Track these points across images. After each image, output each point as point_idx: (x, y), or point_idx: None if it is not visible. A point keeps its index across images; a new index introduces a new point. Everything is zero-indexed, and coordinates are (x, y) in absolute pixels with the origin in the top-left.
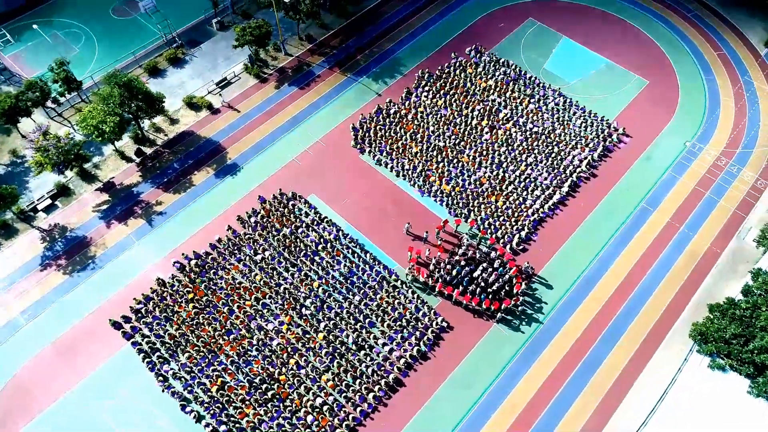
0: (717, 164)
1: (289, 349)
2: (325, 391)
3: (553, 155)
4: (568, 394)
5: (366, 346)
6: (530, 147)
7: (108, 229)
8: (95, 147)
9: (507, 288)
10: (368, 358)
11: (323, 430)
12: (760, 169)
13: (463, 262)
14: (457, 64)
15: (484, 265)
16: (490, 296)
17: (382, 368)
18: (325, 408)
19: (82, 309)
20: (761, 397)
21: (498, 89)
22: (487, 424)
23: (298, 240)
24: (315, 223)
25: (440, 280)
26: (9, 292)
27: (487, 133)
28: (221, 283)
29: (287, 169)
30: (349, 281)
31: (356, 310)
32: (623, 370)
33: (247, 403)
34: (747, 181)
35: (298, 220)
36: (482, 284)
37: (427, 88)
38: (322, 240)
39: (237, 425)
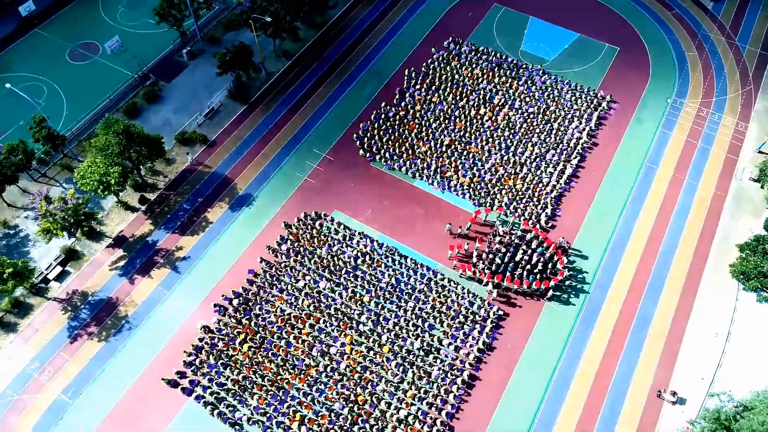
0: (700, 115)
1: (359, 368)
2: (405, 402)
3: (554, 131)
4: (631, 353)
5: (432, 349)
6: (531, 127)
7: (133, 286)
8: (93, 202)
9: (550, 266)
10: (438, 361)
11: None
12: (737, 113)
13: (503, 249)
14: (441, 58)
15: (523, 248)
16: (538, 276)
17: (454, 367)
18: (410, 418)
19: (130, 374)
20: None
21: (485, 77)
22: (567, 397)
23: (335, 258)
24: (347, 238)
25: (486, 270)
26: (42, 373)
27: (487, 120)
28: (270, 317)
29: (302, 190)
30: (397, 289)
31: (413, 316)
32: (674, 319)
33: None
34: (729, 126)
35: (329, 238)
36: (528, 267)
37: (418, 87)
38: (359, 254)
39: None
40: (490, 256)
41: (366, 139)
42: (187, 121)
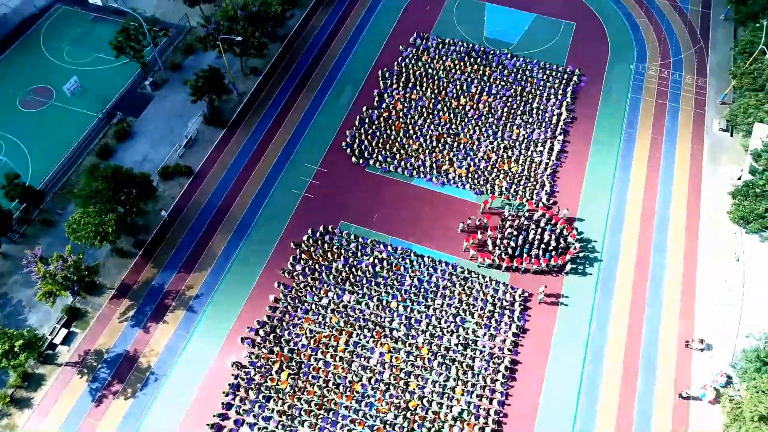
0: (662, 77)
1: (402, 374)
2: (456, 398)
3: (535, 111)
4: (653, 310)
5: (469, 342)
6: (512, 110)
7: (149, 334)
8: (85, 255)
9: (562, 240)
10: (477, 352)
11: None
12: (694, 70)
13: (515, 233)
14: (410, 55)
15: (533, 227)
16: (553, 252)
17: (494, 356)
18: (465, 414)
19: (168, 427)
20: None
21: (458, 68)
22: (605, 362)
23: (353, 269)
24: (360, 247)
25: (504, 256)
26: None
27: (470, 110)
28: (301, 340)
29: (303, 207)
30: (422, 290)
31: (443, 313)
32: (684, 272)
33: None
34: (690, 83)
35: (342, 250)
36: (542, 246)
37: (394, 86)
38: (376, 261)
39: None
40: (504, 241)
41: (355, 145)
42: (167, 154)
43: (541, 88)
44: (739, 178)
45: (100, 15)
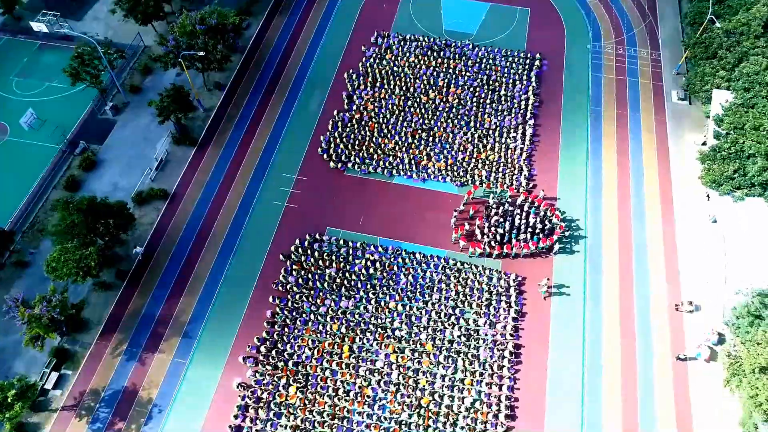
0: (619, 53)
1: (410, 373)
2: (466, 389)
3: (503, 98)
4: (640, 278)
5: (471, 332)
6: (480, 100)
7: (146, 366)
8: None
9: (547, 222)
10: (480, 341)
11: (488, 422)
12: (647, 44)
13: (501, 219)
14: (374, 54)
15: (518, 212)
16: (540, 234)
17: (497, 343)
18: (477, 404)
19: None
20: None
21: (422, 63)
22: (603, 335)
23: (347, 274)
24: (351, 251)
25: (493, 243)
26: None
27: (440, 103)
28: (305, 352)
29: (286, 218)
30: (418, 286)
31: (442, 307)
32: (664, 238)
33: None
34: (645, 57)
35: (333, 255)
36: (529, 229)
37: (362, 87)
38: (368, 263)
39: None
40: (492, 229)
41: (331, 150)
42: (139, 180)
43: (506, 75)
44: (703, 143)
45: (45, 42)
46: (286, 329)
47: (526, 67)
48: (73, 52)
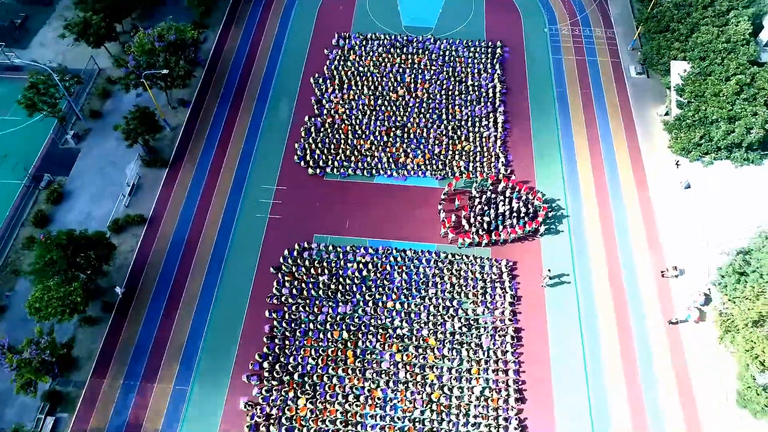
0: (575, 34)
1: (417, 369)
2: (474, 378)
3: (470, 88)
4: (624, 249)
5: (470, 322)
6: (449, 92)
7: (146, 398)
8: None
9: (530, 205)
10: (481, 330)
11: (499, 408)
12: (601, 23)
13: (486, 208)
14: (337, 56)
15: (501, 198)
16: (526, 218)
17: (498, 329)
18: (486, 391)
19: None
20: (743, 163)
21: (386, 61)
22: (597, 308)
23: (341, 279)
24: (341, 256)
25: (481, 232)
26: None
27: (410, 99)
28: (308, 362)
29: (272, 230)
30: (413, 283)
31: (440, 301)
32: (641, 209)
33: None
34: (601, 36)
35: (324, 262)
36: (514, 214)
37: (330, 90)
38: (361, 266)
39: None
40: (478, 218)
41: (307, 156)
42: (112, 207)
43: (470, 65)
44: (666, 114)
45: None
46: (287, 342)
47: (489, 55)
48: (27, 82)
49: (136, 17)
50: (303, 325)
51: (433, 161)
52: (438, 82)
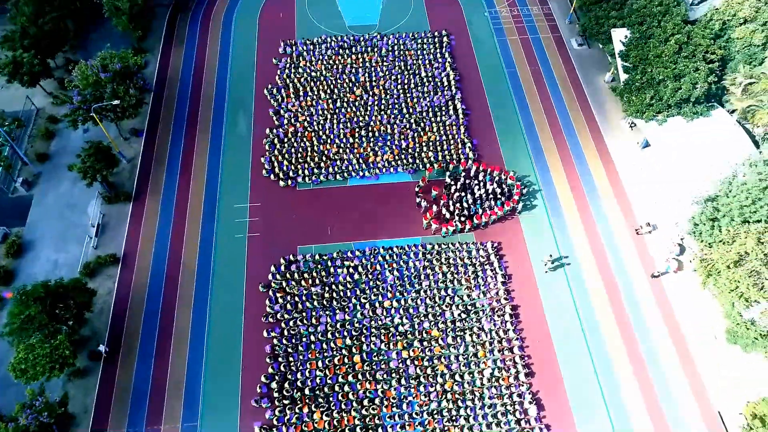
0: (515, 15)
1: (426, 363)
2: (482, 362)
3: (424, 80)
4: (599, 214)
5: (468, 307)
6: (405, 87)
7: None
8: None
9: (504, 186)
10: (480, 313)
11: (511, 385)
12: (536, 0)
13: (463, 194)
14: (287, 65)
15: (475, 182)
16: (502, 198)
17: (495, 310)
18: (496, 371)
19: None
20: (694, 117)
21: (336, 63)
22: (584, 273)
23: (333, 287)
24: (329, 264)
25: (462, 218)
26: None
27: (368, 97)
28: (317, 375)
29: (253, 248)
30: (406, 279)
31: (434, 292)
32: (606, 172)
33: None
34: (538, 13)
35: (313, 272)
36: (490, 196)
37: (287, 100)
38: (351, 270)
39: None
40: (457, 205)
41: (276, 169)
42: (80, 251)
43: (420, 57)
44: (613, 80)
45: None
46: (291, 358)
47: (437, 45)
48: None
49: (68, 50)
50: (304, 339)
51: (403, 156)
52: (392, 78)
